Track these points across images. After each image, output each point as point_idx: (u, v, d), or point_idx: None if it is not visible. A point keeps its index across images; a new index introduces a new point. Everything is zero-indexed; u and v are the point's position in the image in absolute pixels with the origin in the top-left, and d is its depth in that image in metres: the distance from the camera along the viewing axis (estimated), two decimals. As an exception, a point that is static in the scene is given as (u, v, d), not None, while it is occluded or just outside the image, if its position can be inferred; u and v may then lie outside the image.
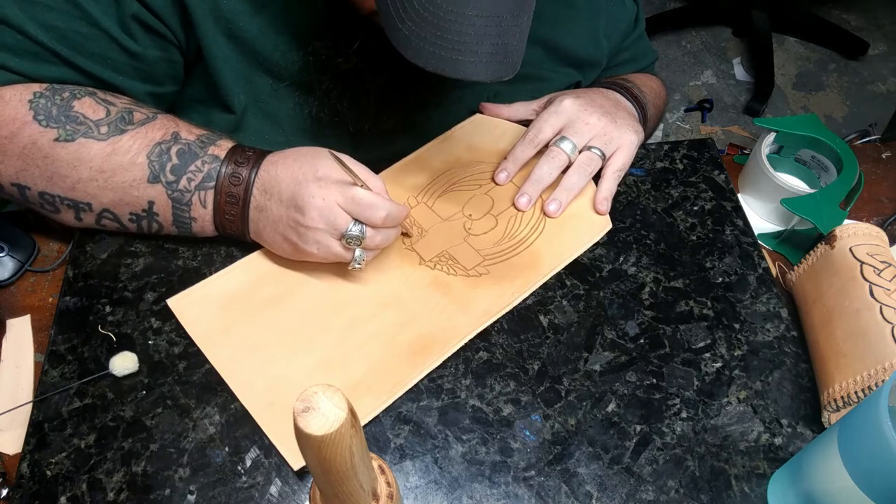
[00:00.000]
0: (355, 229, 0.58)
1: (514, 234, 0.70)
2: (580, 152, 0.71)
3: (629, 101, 0.79)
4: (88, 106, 0.61)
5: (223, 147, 0.63)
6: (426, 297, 0.64)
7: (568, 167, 0.71)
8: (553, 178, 0.71)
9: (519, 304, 0.65)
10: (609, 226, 0.71)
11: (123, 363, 0.59)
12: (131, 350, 0.60)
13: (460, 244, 0.69)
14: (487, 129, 0.78)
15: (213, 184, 0.61)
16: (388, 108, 0.71)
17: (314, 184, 0.58)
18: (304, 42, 0.67)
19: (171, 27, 0.63)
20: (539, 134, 0.72)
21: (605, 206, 0.72)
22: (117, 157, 0.61)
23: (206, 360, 0.60)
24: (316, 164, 0.59)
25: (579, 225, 0.71)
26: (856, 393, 0.54)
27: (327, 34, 0.65)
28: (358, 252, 0.60)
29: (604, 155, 0.71)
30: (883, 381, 0.53)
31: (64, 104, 0.60)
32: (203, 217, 0.63)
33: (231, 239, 0.66)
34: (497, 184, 0.73)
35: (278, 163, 0.61)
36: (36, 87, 0.61)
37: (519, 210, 0.71)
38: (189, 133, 0.63)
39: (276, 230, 0.61)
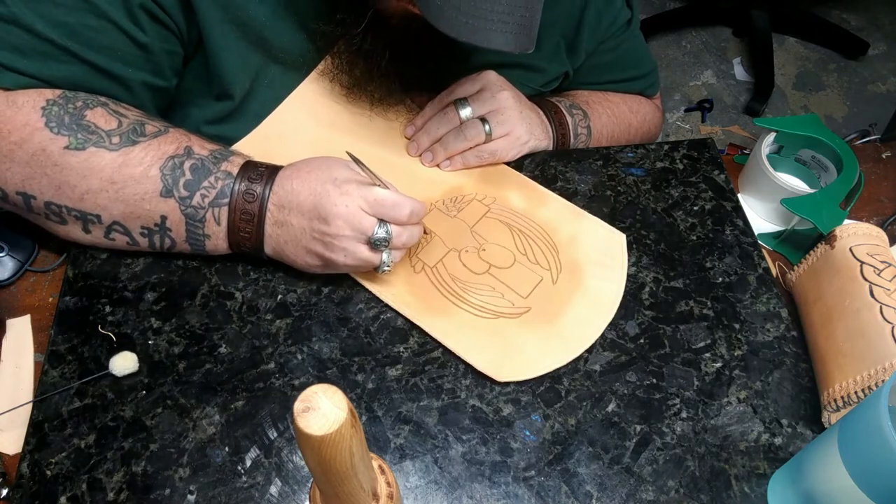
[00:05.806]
0: (381, 231, 0.59)
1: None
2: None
3: (548, 118, 0.79)
4: (100, 116, 0.60)
5: (235, 163, 0.62)
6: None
7: None
8: (440, 136, 0.74)
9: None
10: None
11: (123, 363, 0.59)
12: (131, 350, 0.60)
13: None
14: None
15: (226, 201, 0.61)
16: (389, 90, 0.72)
17: (335, 191, 0.58)
18: (312, 23, 0.67)
19: (173, 16, 0.63)
20: (450, 95, 0.74)
21: (446, 166, 0.74)
22: (128, 169, 0.60)
23: (205, 360, 0.60)
24: (333, 172, 0.60)
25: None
26: (856, 393, 0.54)
27: (335, 14, 0.66)
28: (385, 255, 0.60)
29: (490, 133, 0.73)
30: (883, 381, 0.53)
31: (76, 113, 0.59)
32: (217, 234, 0.62)
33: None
34: (410, 154, 0.75)
35: (293, 176, 0.61)
36: (49, 93, 0.60)
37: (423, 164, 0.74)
38: (202, 148, 0.62)
39: (300, 244, 0.61)
